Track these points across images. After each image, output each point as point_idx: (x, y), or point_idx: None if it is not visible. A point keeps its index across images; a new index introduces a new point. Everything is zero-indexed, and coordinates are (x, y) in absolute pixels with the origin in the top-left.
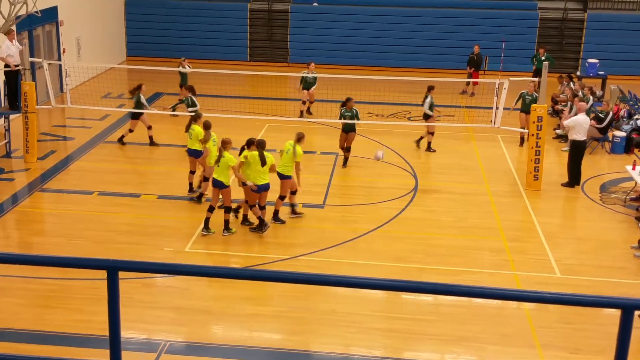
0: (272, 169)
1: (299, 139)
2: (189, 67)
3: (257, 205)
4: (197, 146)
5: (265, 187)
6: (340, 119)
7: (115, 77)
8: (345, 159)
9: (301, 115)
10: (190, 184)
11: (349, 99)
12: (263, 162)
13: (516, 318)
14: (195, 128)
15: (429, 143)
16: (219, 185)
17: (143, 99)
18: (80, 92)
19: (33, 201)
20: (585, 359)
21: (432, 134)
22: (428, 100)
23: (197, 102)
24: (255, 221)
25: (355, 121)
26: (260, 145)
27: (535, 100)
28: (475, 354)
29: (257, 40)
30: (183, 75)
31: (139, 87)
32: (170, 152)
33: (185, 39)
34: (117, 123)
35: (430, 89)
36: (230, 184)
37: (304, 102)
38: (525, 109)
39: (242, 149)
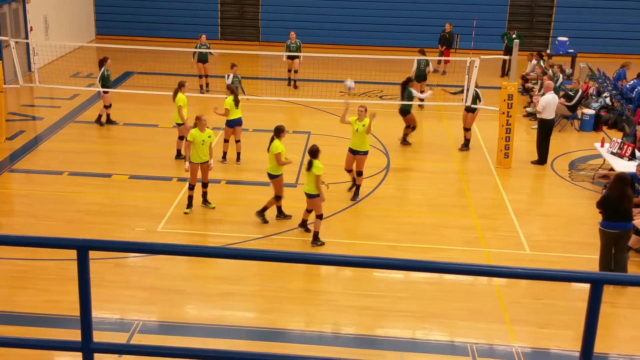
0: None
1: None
2: (208, 44)
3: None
4: (241, 114)
5: (269, 176)
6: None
7: (84, 55)
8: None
9: (289, 84)
10: (225, 153)
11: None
12: (268, 149)
13: (487, 294)
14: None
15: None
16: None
17: (103, 73)
18: (48, 71)
19: (1, 182)
20: (555, 334)
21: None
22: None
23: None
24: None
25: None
26: (276, 130)
27: (477, 96)
28: (447, 330)
29: (228, 18)
30: (203, 53)
31: (104, 60)
32: (141, 132)
33: (155, 17)
34: (86, 102)
35: (408, 80)
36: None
37: (289, 71)
38: (467, 107)
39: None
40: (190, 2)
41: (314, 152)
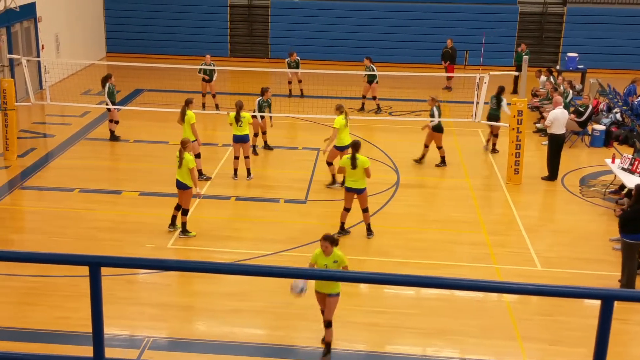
0: (366, 173)
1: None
2: (213, 63)
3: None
4: (247, 131)
5: (358, 191)
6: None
7: (95, 73)
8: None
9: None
10: (236, 170)
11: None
12: (353, 165)
13: (497, 311)
14: (246, 115)
15: (494, 145)
16: (180, 187)
17: (108, 88)
18: (59, 88)
19: (13, 199)
20: (566, 351)
21: (497, 135)
22: (504, 101)
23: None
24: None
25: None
26: (354, 146)
27: (437, 115)
28: (457, 346)
29: (237, 36)
30: (210, 72)
31: (108, 77)
32: (151, 149)
33: (165, 35)
34: (97, 120)
35: (501, 89)
36: (191, 186)
37: (289, 82)
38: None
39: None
40: (200, 20)
41: (357, 146)
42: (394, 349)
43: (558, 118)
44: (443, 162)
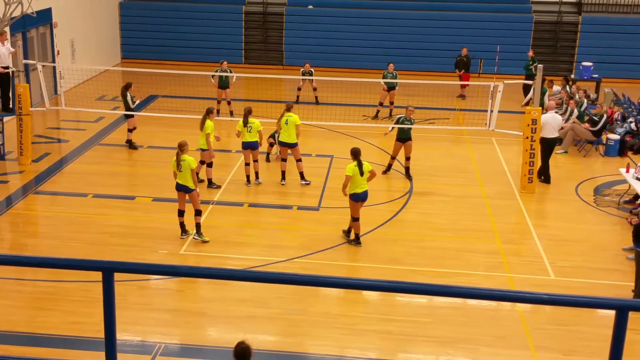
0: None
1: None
2: (230, 69)
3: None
4: (257, 137)
5: (364, 197)
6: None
7: (109, 79)
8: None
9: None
10: (248, 176)
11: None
12: (361, 172)
13: (510, 320)
14: (255, 121)
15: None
16: (184, 190)
17: (129, 98)
18: (74, 94)
19: (27, 203)
20: None
21: None
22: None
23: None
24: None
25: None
26: (356, 154)
27: (411, 122)
28: (470, 355)
29: (252, 42)
30: (225, 78)
31: (128, 86)
32: (165, 155)
33: (180, 42)
34: (111, 125)
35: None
36: (195, 187)
37: (299, 89)
38: (402, 137)
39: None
40: (215, 26)
41: (358, 153)
42: (406, 357)
43: (548, 122)
44: (389, 169)
